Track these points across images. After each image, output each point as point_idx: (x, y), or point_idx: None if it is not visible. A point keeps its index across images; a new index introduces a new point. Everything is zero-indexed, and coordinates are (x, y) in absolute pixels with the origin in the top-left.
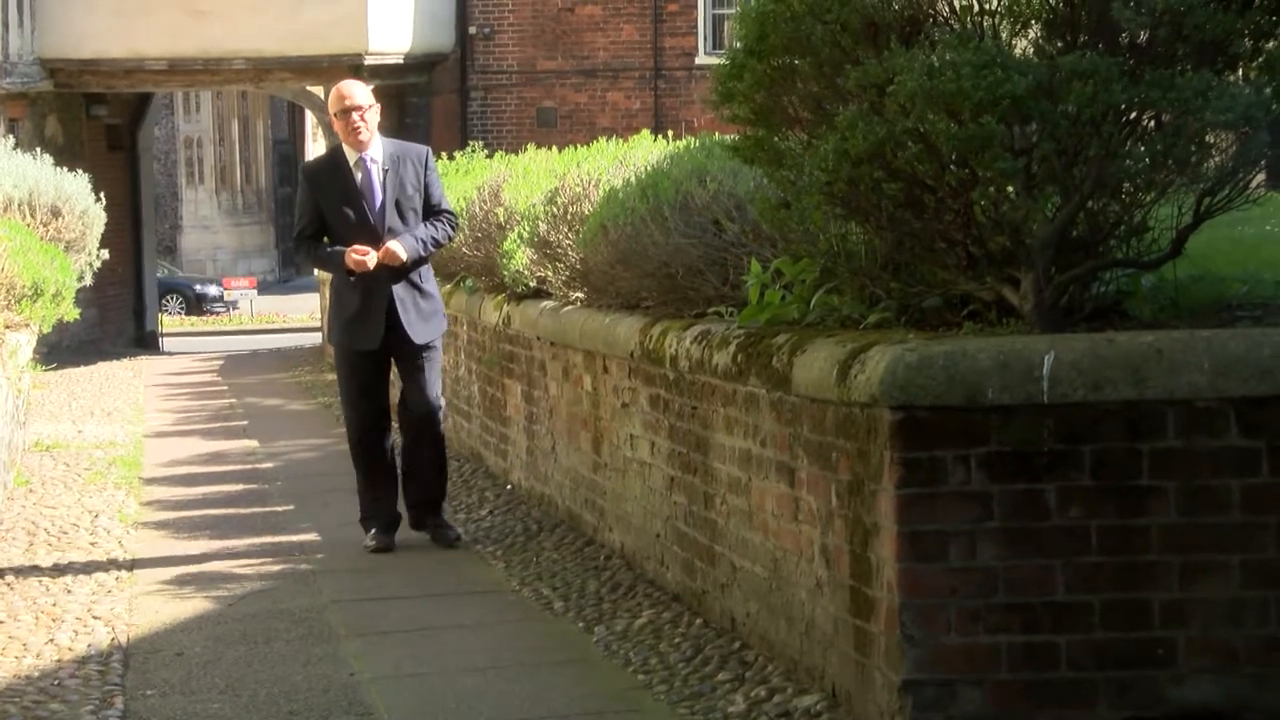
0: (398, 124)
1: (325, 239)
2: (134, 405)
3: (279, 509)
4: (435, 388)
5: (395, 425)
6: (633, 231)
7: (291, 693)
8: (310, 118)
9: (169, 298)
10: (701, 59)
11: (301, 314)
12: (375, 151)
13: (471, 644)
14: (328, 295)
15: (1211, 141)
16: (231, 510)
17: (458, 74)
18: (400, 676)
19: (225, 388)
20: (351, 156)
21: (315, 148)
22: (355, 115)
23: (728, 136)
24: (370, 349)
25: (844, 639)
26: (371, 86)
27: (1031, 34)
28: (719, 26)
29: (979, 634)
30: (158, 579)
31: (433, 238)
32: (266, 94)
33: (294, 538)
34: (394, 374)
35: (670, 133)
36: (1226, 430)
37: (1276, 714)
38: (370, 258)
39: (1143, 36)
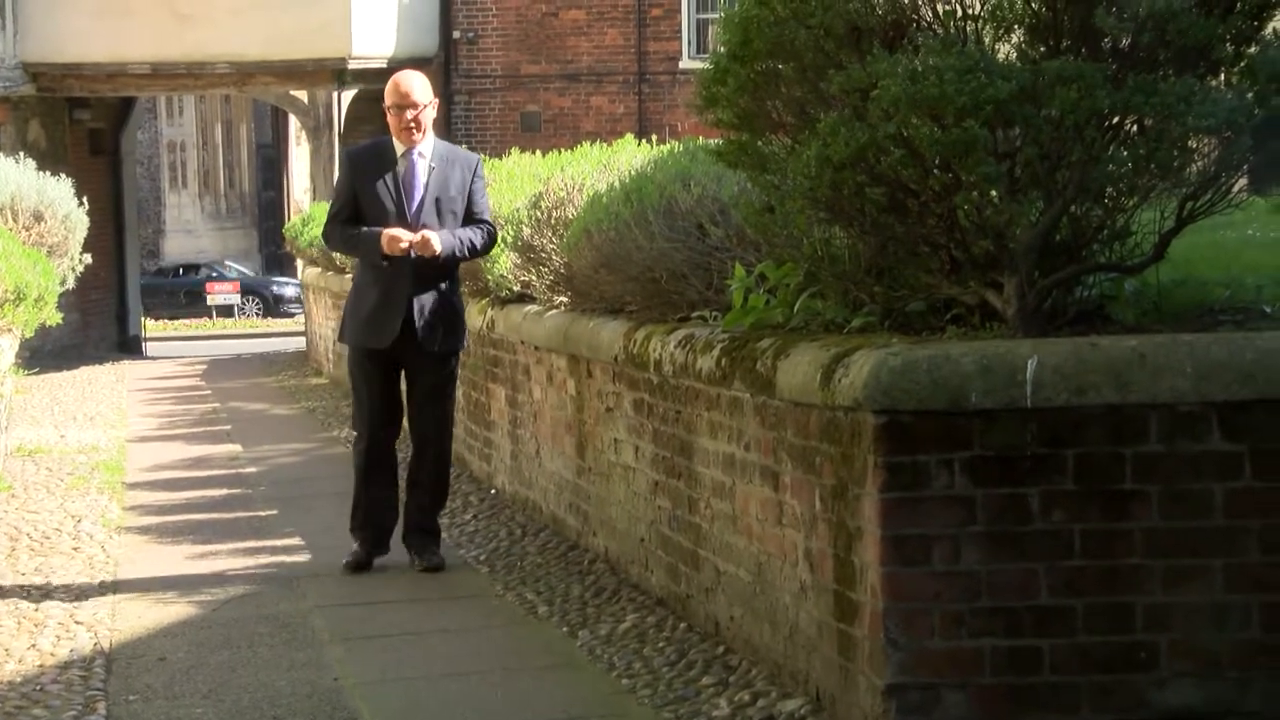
0: (381, 128)
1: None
2: (117, 410)
3: (262, 514)
4: (444, 405)
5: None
6: (616, 236)
7: (275, 698)
8: (294, 122)
9: (248, 299)
10: (685, 63)
11: (284, 318)
12: (425, 147)
13: (456, 649)
14: (309, 311)
15: (1194, 146)
16: (215, 515)
17: (441, 78)
18: (384, 681)
19: (209, 392)
20: (399, 148)
21: (299, 152)
22: (409, 114)
23: (711, 141)
24: (380, 347)
25: (828, 643)
26: (354, 91)
27: (1014, 39)
28: (703, 31)
29: (962, 638)
30: (140, 584)
31: (470, 241)
32: (250, 98)
33: (278, 542)
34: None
35: (654, 137)
36: (1209, 434)
37: (1258, 718)
38: (408, 238)
39: (1125, 42)
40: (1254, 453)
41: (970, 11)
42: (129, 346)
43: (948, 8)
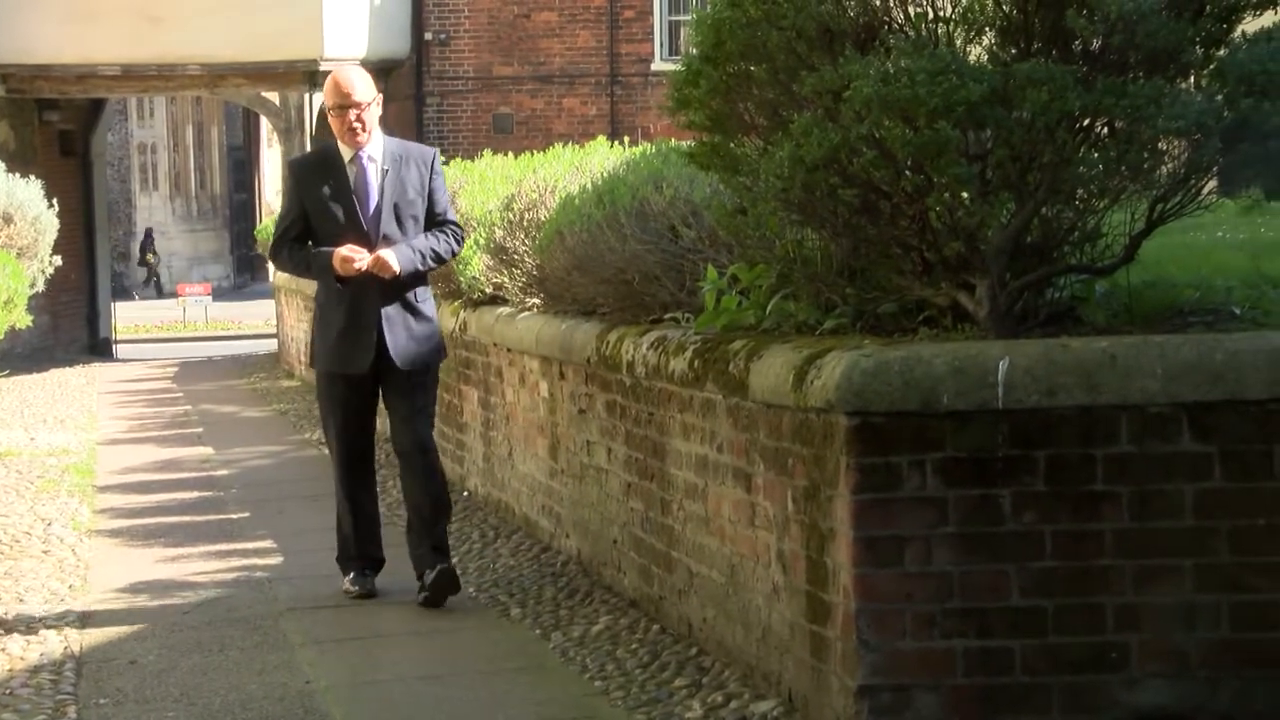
0: None
1: (310, 244)
2: (87, 412)
3: (234, 516)
4: (422, 420)
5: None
6: (589, 238)
7: (247, 701)
8: (265, 124)
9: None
10: (658, 65)
11: (257, 320)
12: (374, 149)
13: (428, 651)
14: (281, 313)
15: (1164, 148)
16: (186, 518)
17: (413, 80)
18: (356, 684)
19: (180, 394)
20: (347, 153)
21: (270, 154)
22: (352, 114)
23: (684, 143)
24: (359, 372)
25: (800, 644)
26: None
27: (986, 41)
28: (675, 33)
29: (934, 639)
30: (111, 587)
31: (433, 250)
32: (221, 100)
33: (249, 545)
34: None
35: (626, 139)
36: (1179, 435)
37: (1228, 717)
38: (362, 259)
39: (1096, 44)
40: (1223, 453)
41: (942, 14)
42: (99, 349)
43: (919, 10)
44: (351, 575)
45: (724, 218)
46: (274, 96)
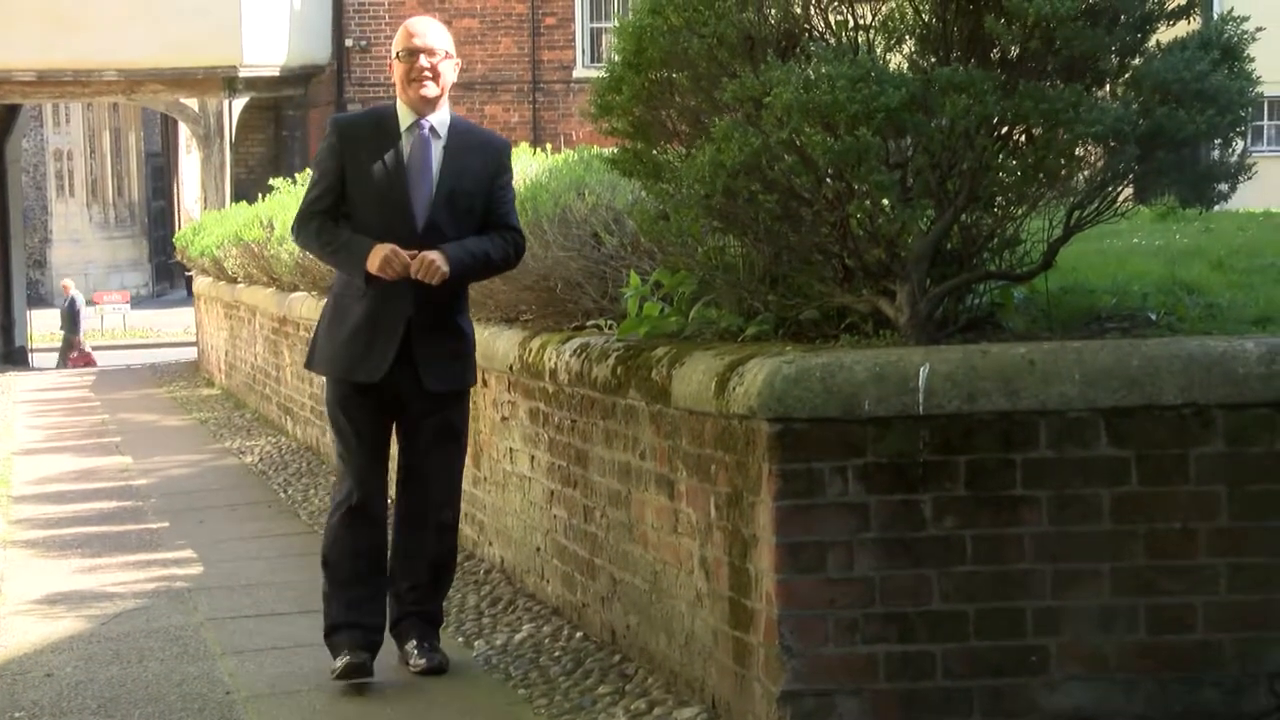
0: (274, 136)
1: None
2: (2, 422)
3: (153, 526)
4: (453, 458)
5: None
6: None
7: (166, 713)
8: (184, 130)
9: None
10: (580, 72)
11: (176, 329)
12: (439, 121)
13: None
14: (200, 321)
15: (1081, 155)
16: (104, 528)
17: (334, 86)
18: (276, 695)
19: (98, 403)
20: (406, 119)
21: (189, 160)
22: (424, 59)
23: (606, 149)
24: (369, 381)
25: (723, 651)
26: (246, 99)
27: (906, 49)
28: (597, 40)
29: (856, 644)
30: (27, 598)
31: (488, 256)
32: (139, 106)
33: (169, 555)
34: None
35: (549, 146)
36: (1096, 440)
37: (1144, 719)
38: (400, 262)
39: (1014, 52)
40: (1140, 458)
41: (862, 22)
42: (15, 358)
43: (840, 18)
44: (344, 655)
45: (646, 224)
46: (193, 103)
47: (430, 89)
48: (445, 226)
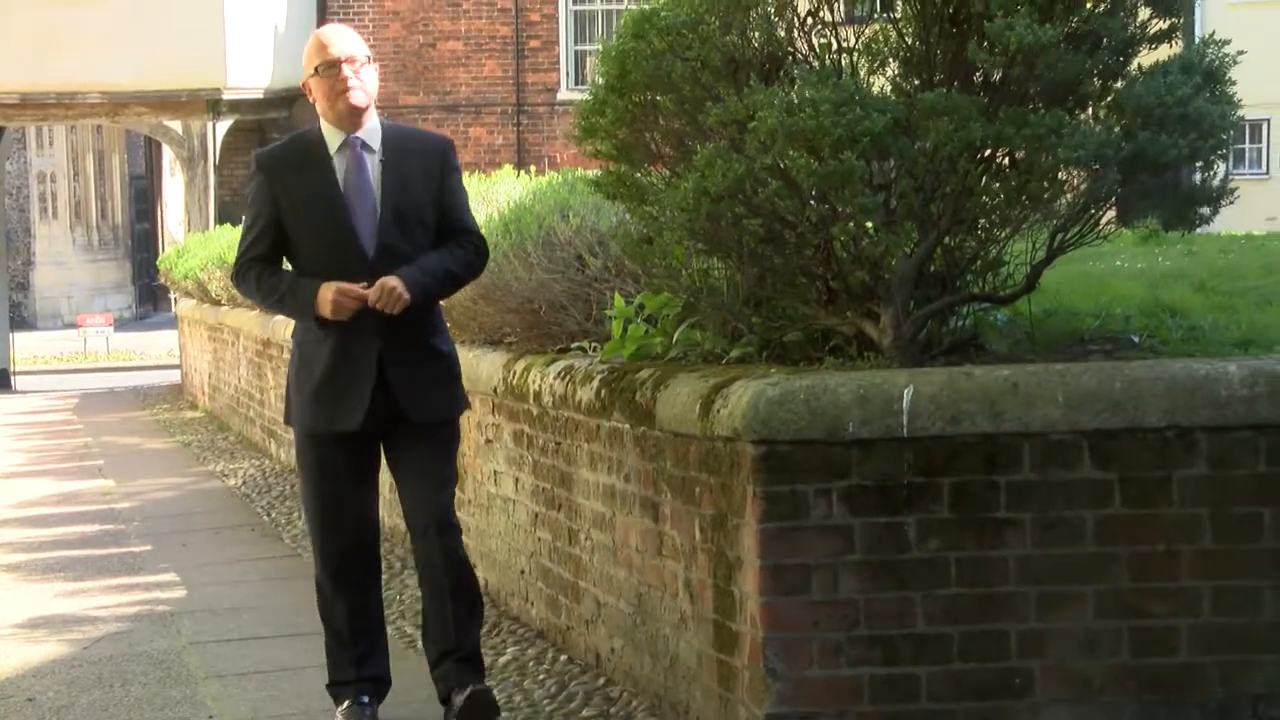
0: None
1: (284, 265)
2: None
3: (136, 549)
4: (447, 485)
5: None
6: (495, 267)
7: None
8: (168, 153)
9: None
10: (564, 95)
11: (159, 351)
12: (371, 135)
13: None
14: (184, 344)
15: (1064, 178)
16: (87, 551)
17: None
18: (259, 718)
19: (80, 426)
20: (334, 139)
21: (173, 183)
22: (345, 68)
23: (590, 172)
24: (348, 429)
25: (708, 673)
26: (230, 121)
27: (889, 72)
28: (581, 62)
29: (841, 667)
30: (9, 622)
31: (449, 272)
32: (123, 129)
33: (151, 579)
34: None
35: (533, 168)
36: (1080, 462)
37: None
38: (354, 298)
39: (997, 76)
40: (1123, 480)
41: (846, 45)
42: None
43: (823, 41)
44: (346, 704)
45: (630, 247)
46: (177, 125)
47: (359, 96)
48: (399, 246)
